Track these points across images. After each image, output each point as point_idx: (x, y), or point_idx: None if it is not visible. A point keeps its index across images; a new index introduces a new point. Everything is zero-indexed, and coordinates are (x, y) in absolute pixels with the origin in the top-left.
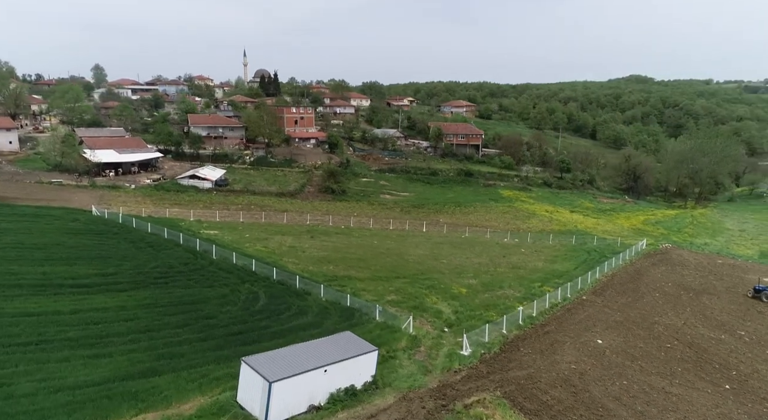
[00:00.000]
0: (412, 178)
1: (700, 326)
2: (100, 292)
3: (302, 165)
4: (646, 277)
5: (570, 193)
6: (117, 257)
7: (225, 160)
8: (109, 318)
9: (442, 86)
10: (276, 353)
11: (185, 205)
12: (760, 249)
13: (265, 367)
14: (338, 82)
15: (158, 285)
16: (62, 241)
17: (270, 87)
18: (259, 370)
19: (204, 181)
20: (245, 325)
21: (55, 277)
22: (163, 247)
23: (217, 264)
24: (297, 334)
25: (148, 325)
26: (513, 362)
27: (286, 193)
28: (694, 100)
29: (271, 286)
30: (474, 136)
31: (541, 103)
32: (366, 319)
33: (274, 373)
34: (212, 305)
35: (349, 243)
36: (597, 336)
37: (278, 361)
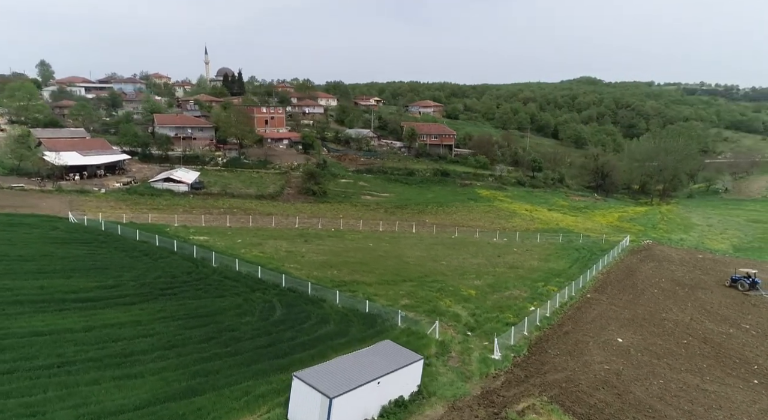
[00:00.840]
0: (390, 179)
1: (706, 321)
2: (108, 307)
3: (278, 166)
4: (639, 274)
5: (543, 191)
6: (114, 268)
7: (196, 162)
8: (127, 334)
9: (407, 86)
10: (326, 367)
11: (164, 210)
12: (732, 243)
13: (321, 382)
14: (303, 81)
15: (167, 296)
16: (50, 251)
17: (234, 86)
18: (316, 385)
19: (179, 184)
20: (270, 336)
21: (54, 291)
22: (158, 255)
23: (221, 272)
24: (325, 344)
25: (171, 340)
26: (546, 365)
27: (266, 195)
28: (644, 101)
29: (283, 293)
30: (447, 136)
31: (504, 104)
32: (388, 326)
33: (333, 388)
34: (230, 316)
35: (345, 246)
36: (615, 334)
37: (331, 374)
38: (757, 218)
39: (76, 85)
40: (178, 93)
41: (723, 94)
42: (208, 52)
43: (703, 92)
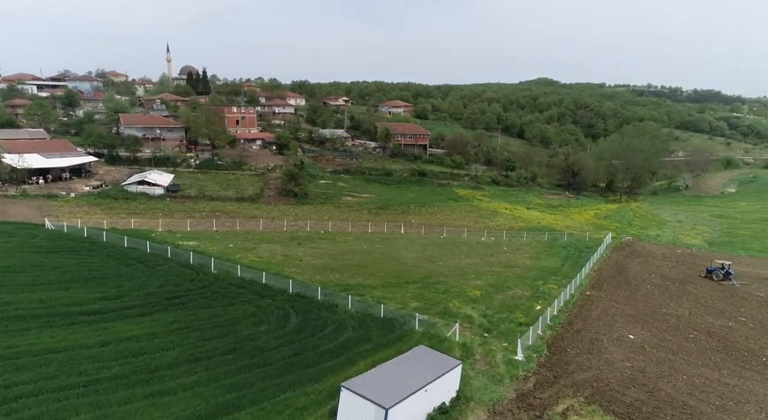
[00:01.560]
0: (369, 179)
1: (705, 315)
2: (117, 319)
3: (253, 167)
4: (629, 270)
5: (518, 190)
6: (113, 277)
7: (168, 164)
8: (147, 348)
9: (373, 86)
10: (372, 376)
11: (143, 215)
12: (704, 238)
13: (373, 393)
14: (270, 80)
15: (176, 306)
16: (39, 261)
17: (199, 85)
18: (368, 396)
19: (155, 187)
20: (294, 345)
21: (56, 304)
22: (153, 262)
23: (224, 279)
24: (351, 351)
25: (194, 352)
26: (570, 364)
27: (246, 198)
28: (602, 102)
29: (293, 300)
30: (421, 136)
31: (470, 104)
32: (406, 330)
33: (387, 399)
34: (246, 325)
35: (340, 249)
36: (625, 331)
37: (380, 384)
38: (720, 214)
39: (26, 82)
40: (139, 92)
41: (668, 95)
42: (170, 49)
43: (650, 93)
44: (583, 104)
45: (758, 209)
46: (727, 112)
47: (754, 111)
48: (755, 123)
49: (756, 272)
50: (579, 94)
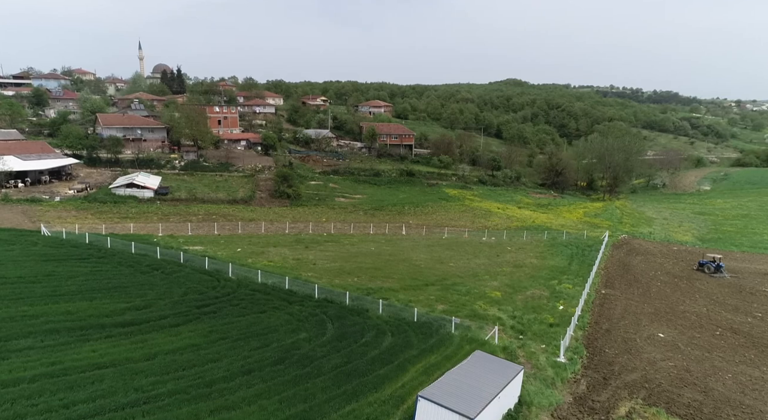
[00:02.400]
0: (359, 180)
1: (722, 311)
2: (153, 331)
3: (241, 169)
4: (634, 268)
5: (505, 189)
6: (133, 286)
7: (151, 166)
8: (195, 360)
9: (350, 86)
10: (444, 384)
11: (137, 219)
12: (693, 235)
13: (453, 402)
14: (246, 79)
15: (208, 315)
16: (50, 270)
17: (174, 84)
18: (449, 405)
19: (144, 190)
20: (341, 353)
21: (85, 316)
22: (168, 269)
23: (246, 285)
24: (399, 358)
25: (243, 364)
26: (614, 365)
27: (239, 200)
28: (573, 102)
29: (322, 305)
30: (406, 136)
31: (447, 104)
32: (444, 333)
33: (469, 408)
34: (284, 333)
35: (349, 251)
36: (653, 329)
37: (455, 392)
38: (700, 211)
39: None
40: (110, 91)
41: (630, 96)
42: (142, 47)
43: (613, 94)
44: (555, 104)
45: (735, 206)
46: (687, 113)
47: (710, 111)
48: (714, 123)
49: (753, 268)
50: (550, 95)
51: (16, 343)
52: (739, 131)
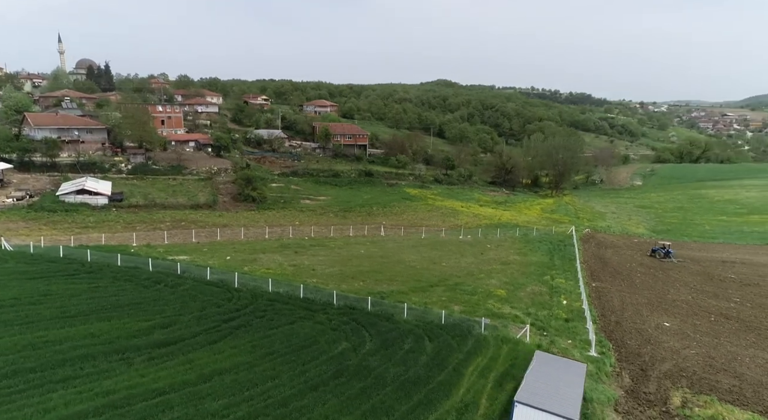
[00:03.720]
0: (319, 181)
1: (705, 298)
2: (193, 350)
3: (194, 171)
4: (610, 261)
5: (461, 188)
6: (144, 302)
7: (94, 170)
8: (254, 379)
9: (290, 85)
10: (531, 387)
11: (100, 228)
12: (645, 227)
13: (550, 405)
14: (181, 77)
15: (240, 330)
16: (44, 290)
17: (102, 80)
18: (551, 409)
19: (97, 197)
20: (392, 362)
21: (112, 338)
22: (171, 282)
23: (259, 295)
24: (449, 362)
25: (305, 379)
26: (643, 356)
27: (202, 205)
28: (506, 103)
29: (345, 312)
30: (360, 136)
31: (390, 104)
32: (477, 335)
33: (568, 409)
34: (325, 344)
35: (340, 255)
36: (656, 319)
37: (546, 395)
38: (641, 204)
39: None
40: (26, 87)
41: (550, 97)
42: (62, 40)
43: (534, 96)
44: (489, 105)
45: (668, 199)
46: (602, 113)
47: (621, 112)
48: (627, 123)
49: (710, 256)
50: (482, 95)
51: (55, 373)
52: (648, 130)
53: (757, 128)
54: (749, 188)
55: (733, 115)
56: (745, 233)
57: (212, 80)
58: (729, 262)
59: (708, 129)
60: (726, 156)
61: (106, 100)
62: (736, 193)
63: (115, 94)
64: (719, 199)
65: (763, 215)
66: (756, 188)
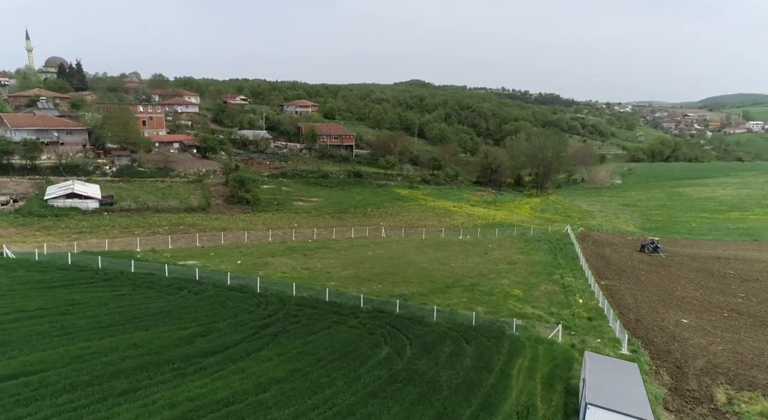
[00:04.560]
0: (309, 182)
1: (712, 294)
2: (241, 358)
3: (182, 174)
4: (611, 259)
5: (449, 188)
6: (175, 310)
7: (77, 173)
8: (312, 387)
9: (267, 85)
10: (596, 389)
11: (96, 233)
12: (634, 225)
13: (623, 406)
14: (155, 76)
15: (279, 336)
16: (70, 299)
17: (74, 79)
18: (627, 411)
19: (88, 201)
20: (440, 366)
21: (156, 347)
22: (193, 289)
23: (286, 300)
24: (494, 365)
25: (362, 386)
26: (674, 353)
27: (195, 208)
28: (482, 103)
29: (376, 316)
30: (346, 136)
31: (370, 104)
32: (510, 336)
33: (642, 411)
34: (367, 349)
35: (350, 257)
36: (673, 316)
37: (615, 396)
38: (624, 203)
39: None
40: None
41: (519, 98)
42: (30, 37)
43: (505, 96)
44: (466, 105)
45: (649, 198)
46: (572, 113)
47: (591, 112)
48: (597, 123)
49: (704, 253)
50: (457, 95)
51: (113, 386)
52: (616, 130)
53: (716, 128)
54: (724, 186)
55: (693, 115)
56: (730, 230)
57: (187, 79)
58: (723, 258)
59: (671, 129)
60: (694, 155)
61: (81, 100)
62: (712, 191)
63: (90, 93)
64: (697, 197)
65: (743, 212)
66: (730, 186)
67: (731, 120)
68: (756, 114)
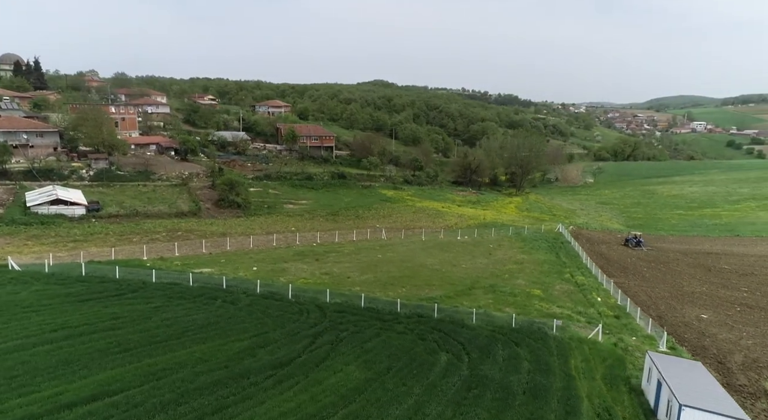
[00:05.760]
0: (294, 184)
1: (718, 289)
2: (311, 370)
3: (165, 177)
4: (610, 256)
5: (431, 189)
6: (222, 321)
7: (51, 177)
8: (395, 397)
9: (234, 85)
10: (682, 390)
11: (92, 242)
12: (618, 222)
13: (719, 407)
14: (117, 74)
15: (336, 345)
16: (111, 313)
17: (32, 77)
18: (722, 411)
19: (74, 207)
20: (504, 371)
21: (222, 360)
22: (227, 299)
23: (324, 308)
24: (551, 366)
25: (442, 394)
26: (710, 349)
27: (186, 213)
28: (449, 104)
29: (419, 321)
30: (327, 137)
31: (341, 105)
32: (552, 337)
33: (732, 409)
34: (426, 355)
35: (362, 261)
36: (691, 311)
37: (705, 397)
38: (601, 201)
39: None
40: None
41: (480, 98)
42: None
43: (466, 96)
44: (433, 105)
45: (623, 196)
46: (532, 114)
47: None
48: (557, 123)
49: (694, 248)
50: (422, 96)
51: (202, 405)
52: (575, 130)
53: (663, 128)
54: (690, 184)
55: (642, 115)
56: (709, 226)
57: (149, 78)
58: (713, 253)
59: (624, 128)
60: (652, 154)
61: (43, 99)
62: (681, 189)
63: (53, 92)
64: (668, 195)
65: (715, 208)
66: (696, 184)
67: (677, 120)
68: (698, 115)
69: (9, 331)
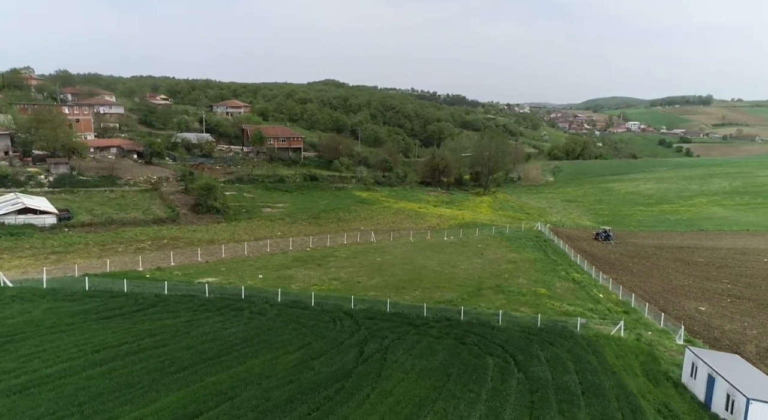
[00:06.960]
0: (268, 187)
1: (703, 282)
2: (374, 380)
3: (132, 182)
4: (594, 253)
5: (402, 189)
6: (262, 334)
7: (6, 183)
8: (468, 405)
9: (185, 84)
10: (742, 384)
11: (76, 253)
12: (589, 219)
13: None
14: (59, 72)
15: (384, 353)
16: (144, 330)
17: None
18: None
19: (44, 216)
20: (555, 371)
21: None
22: (257, 310)
23: (352, 314)
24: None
25: (507, 398)
26: (722, 340)
27: (164, 219)
28: (405, 104)
29: (450, 325)
30: (294, 139)
31: (299, 105)
32: (583, 335)
33: None
34: (473, 359)
35: (363, 265)
36: (689, 304)
37: (763, 389)
38: (565, 199)
39: None
40: None
41: (429, 98)
42: None
43: (416, 96)
44: (390, 106)
45: (584, 194)
46: (482, 114)
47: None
48: (507, 123)
49: (665, 243)
50: (376, 95)
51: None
52: (524, 130)
53: (602, 128)
54: (644, 181)
55: (582, 116)
56: (672, 221)
57: (92, 76)
58: (686, 247)
59: (566, 128)
60: (598, 153)
61: None
62: (636, 186)
63: None
64: (626, 192)
65: (671, 204)
66: (650, 181)
67: (613, 120)
68: (632, 115)
69: (47, 354)
